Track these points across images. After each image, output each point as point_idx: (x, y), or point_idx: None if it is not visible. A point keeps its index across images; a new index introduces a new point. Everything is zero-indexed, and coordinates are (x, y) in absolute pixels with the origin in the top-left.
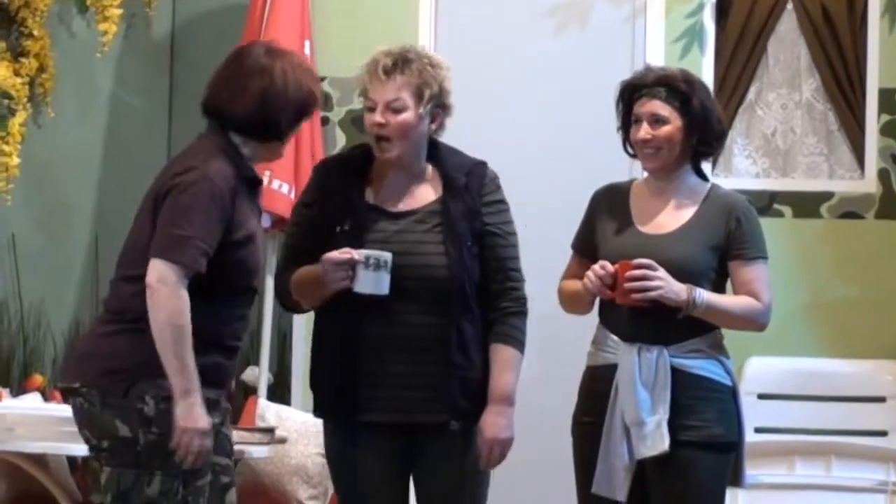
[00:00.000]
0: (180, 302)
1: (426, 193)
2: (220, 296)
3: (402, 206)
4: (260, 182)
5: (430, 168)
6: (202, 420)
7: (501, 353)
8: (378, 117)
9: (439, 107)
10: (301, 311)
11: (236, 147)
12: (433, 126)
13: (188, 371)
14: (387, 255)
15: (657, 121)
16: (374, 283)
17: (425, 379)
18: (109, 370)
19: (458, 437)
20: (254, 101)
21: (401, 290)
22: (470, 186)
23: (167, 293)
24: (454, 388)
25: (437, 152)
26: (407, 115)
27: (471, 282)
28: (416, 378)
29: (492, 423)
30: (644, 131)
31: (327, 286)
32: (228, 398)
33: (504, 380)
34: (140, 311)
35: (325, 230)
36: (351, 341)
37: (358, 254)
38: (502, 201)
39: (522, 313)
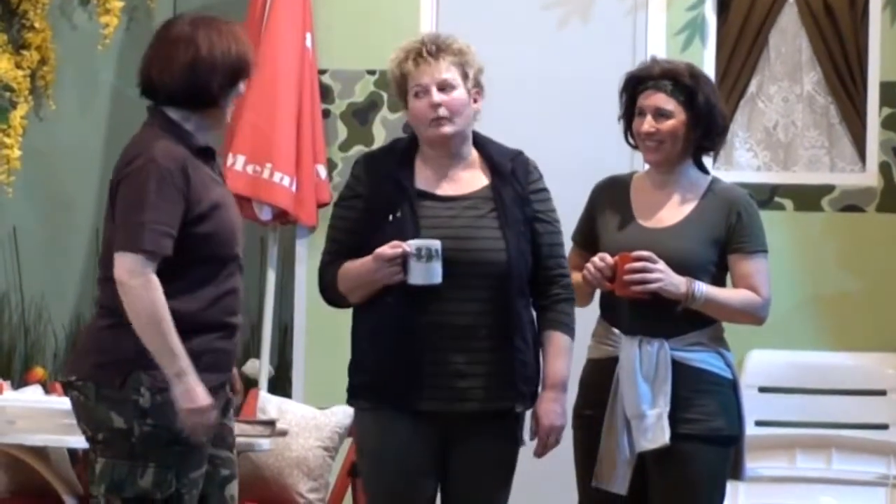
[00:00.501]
0: (153, 290)
1: (476, 179)
2: (204, 274)
3: (453, 192)
4: (213, 152)
5: (475, 154)
6: (201, 398)
7: (555, 340)
8: (435, 97)
9: (478, 86)
10: (346, 305)
11: (178, 124)
12: (477, 106)
13: (177, 354)
14: (437, 244)
15: (661, 114)
16: (426, 273)
17: (483, 367)
18: (104, 363)
19: (514, 422)
20: (181, 72)
21: (455, 275)
22: (517, 173)
23: (138, 284)
24: (518, 373)
25: (479, 139)
26: (460, 92)
27: (526, 267)
28: (472, 366)
29: (550, 410)
30: (648, 124)
31: (380, 281)
32: (233, 388)
33: (559, 366)
34: None
35: (375, 221)
36: (406, 329)
37: (408, 246)
38: (546, 189)
39: (572, 300)
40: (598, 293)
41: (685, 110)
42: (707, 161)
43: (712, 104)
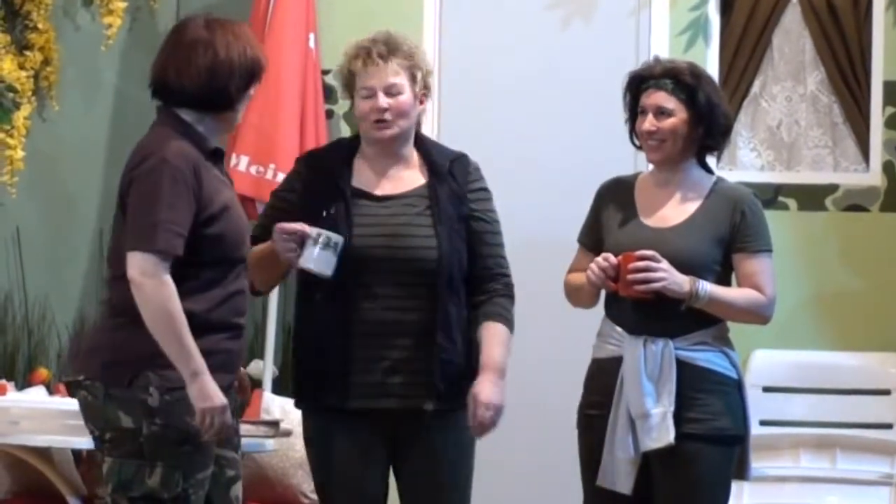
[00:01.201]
0: (166, 289)
1: (413, 178)
2: (213, 275)
3: (390, 190)
4: (222, 154)
5: (415, 155)
6: (217, 397)
7: (492, 329)
8: (381, 102)
9: (425, 88)
10: (255, 292)
11: (190, 125)
12: (422, 108)
13: (191, 353)
14: (338, 238)
15: (662, 113)
16: (319, 261)
17: (413, 363)
18: (113, 362)
19: (434, 419)
20: (201, 75)
21: (387, 272)
22: (455, 173)
23: (151, 284)
24: (435, 371)
25: (421, 141)
26: (406, 96)
27: (459, 265)
28: (404, 363)
29: (486, 388)
30: (649, 123)
31: (276, 254)
32: (242, 389)
33: (496, 352)
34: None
35: (309, 216)
36: (339, 327)
37: (310, 229)
38: (486, 189)
39: (510, 297)
40: (603, 293)
41: (686, 109)
42: (711, 160)
43: (714, 103)
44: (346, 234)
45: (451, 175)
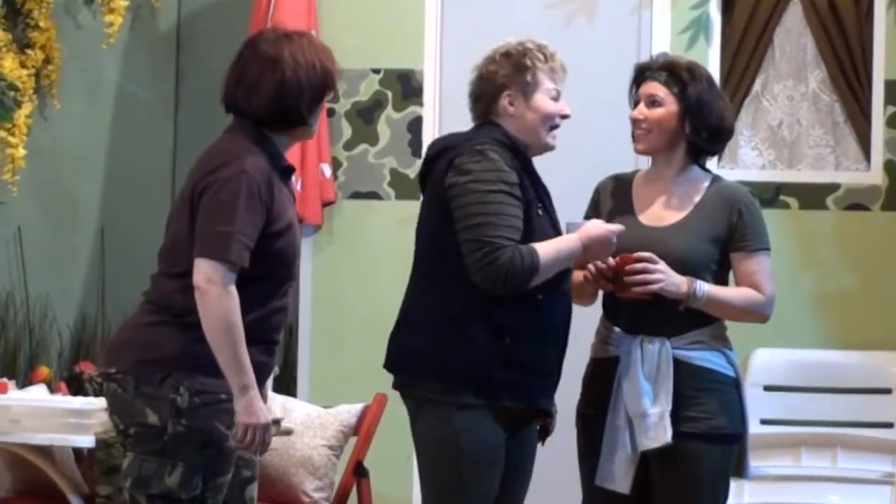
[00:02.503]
0: (231, 300)
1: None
2: (263, 289)
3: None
4: (293, 170)
5: None
6: (262, 414)
7: None
8: (566, 108)
9: None
10: (527, 288)
11: (268, 137)
12: None
13: (244, 367)
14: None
15: (653, 103)
16: None
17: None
18: (147, 359)
19: None
20: (269, 96)
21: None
22: None
23: (217, 293)
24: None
25: None
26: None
27: None
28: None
29: None
30: (637, 111)
31: (601, 254)
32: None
33: None
34: (184, 306)
35: (528, 212)
36: (561, 327)
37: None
38: None
39: None
40: (601, 292)
41: (677, 102)
42: (711, 160)
43: (703, 101)
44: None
45: None
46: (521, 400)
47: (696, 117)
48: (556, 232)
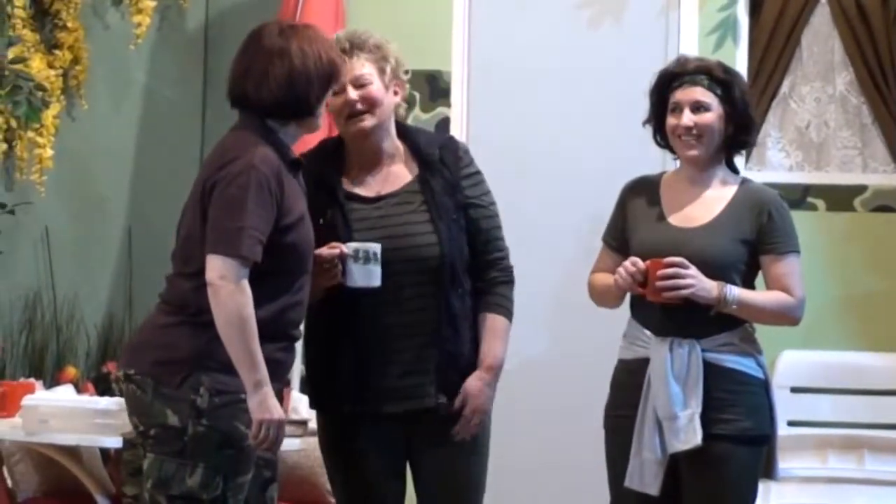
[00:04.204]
0: (243, 296)
1: (403, 174)
2: (277, 284)
3: (382, 190)
4: (301, 164)
5: (401, 147)
6: (276, 411)
7: (492, 322)
8: (351, 94)
9: (397, 79)
10: None
11: (275, 132)
12: (397, 99)
13: (257, 364)
14: (376, 247)
15: (700, 108)
16: (364, 276)
17: (424, 362)
18: (166, 360)
19: (450, 415)
20: (279, 86)
21: (392, 274)
22: (445, 160)
23: (230, 289)
24: (444, 366)
25: (405, 131)
26: (376, 86)
27: (461, 257)
28: (417, 363)
29: (479, 390)
30: (687, 118)
31: (320, 284)
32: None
33: (496, 348)
34: (200, 305)
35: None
36: (350, 331)
37: (346, 247)
38: (479, 172)
39: (510, 282)
40: (629, 294)
41: (722, 104)
42: (739, 161)
43: (747, 101)
44: (347, 240)
45: (442, 163)
46: (314, 406)
47: (742, 117)
48: None
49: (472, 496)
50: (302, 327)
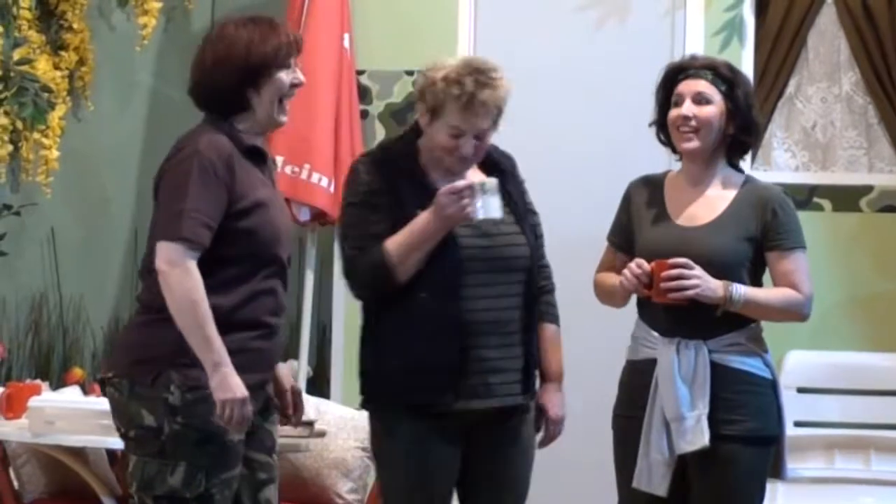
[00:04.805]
0: (191, 278)
1: (481, 178)
2: (241, 271)
3: None
4: (263, 152)
5: None
6: (238, 388)
7: (550, 332)
8: (463, 148)
9: None
10: (390, 286)
11: (229, 122)
12: None
13: (213, 344)
14: (494, 180)
15: (702, 100)
16: (490, 207)
17: (512, 361)
18: (138, 360)
19: (520, 414)
20: (201, 72)
21: (483, 271)
22: (513, 170)
23: (177, 273)
24: (527, 366)
25: None
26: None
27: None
28: (504, 361)
29: (556, 402)
30: (687, 108)
31: (448, 220)
32: (280, 393)
33: (558, 358)
34: (164, 300)
35: (403, 218)
36: (452, 324)
37: (474, 182)
38: (524, 181)
39: (554, 290)
40: (635, 294)
41: (724, 101)
42: (745, 161)
43: (750, 101)
44: (449, 239)
45: (512, 170)
46: (405, 402)
47: (744, 116)
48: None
49: (522, 499)
50: (361, 323)
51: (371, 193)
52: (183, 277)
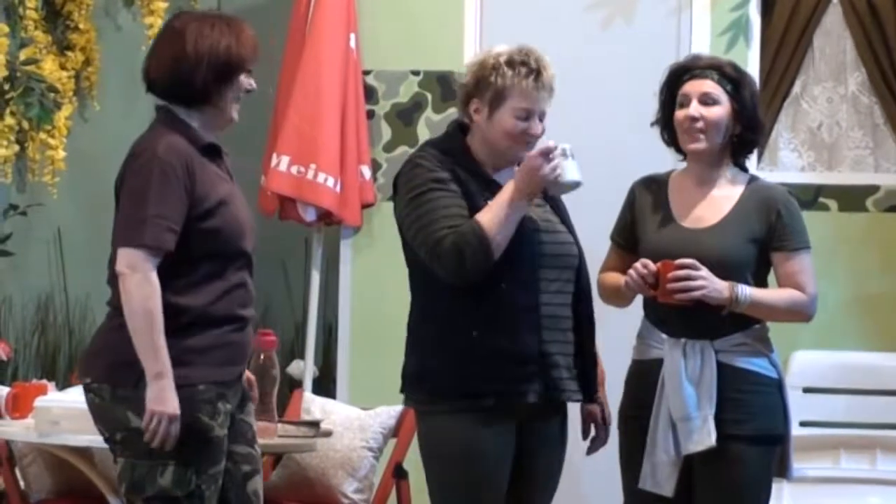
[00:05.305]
0: (149, 286)
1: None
2: (211, 269)
3: None
4: (219, 149)
5: None
6: (171, 404)
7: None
8: (534, 128)
9: None
10: (491, 261)
11: (183, 121)
12: None
13: (160, 354)
14: (569, 145)
15: (708, 101)
16: (572, 170)
17: (567, 358)
18: (117, 363)
19: (566, 414)
20: (166, 66)
21: (543, 267)
22: None
23: (137, 279)
24: (581, 363)
25: None
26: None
27: None
28: (562, 357)
29: (606, 402)
30: (694, 109)
31: (537, 184)
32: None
33: (600, 361)
34: None
35: (472, 205)
36: (532, 317)
37: (556, 144)
38: None
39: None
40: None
41: (730, 101)
42: (751, 161)
43: (756, 101)
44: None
45: None
46: (490, 394)
47: (750, 117)
48: None
49: (552, 497)
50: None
51: (439, 181)
52: (142, 283)
